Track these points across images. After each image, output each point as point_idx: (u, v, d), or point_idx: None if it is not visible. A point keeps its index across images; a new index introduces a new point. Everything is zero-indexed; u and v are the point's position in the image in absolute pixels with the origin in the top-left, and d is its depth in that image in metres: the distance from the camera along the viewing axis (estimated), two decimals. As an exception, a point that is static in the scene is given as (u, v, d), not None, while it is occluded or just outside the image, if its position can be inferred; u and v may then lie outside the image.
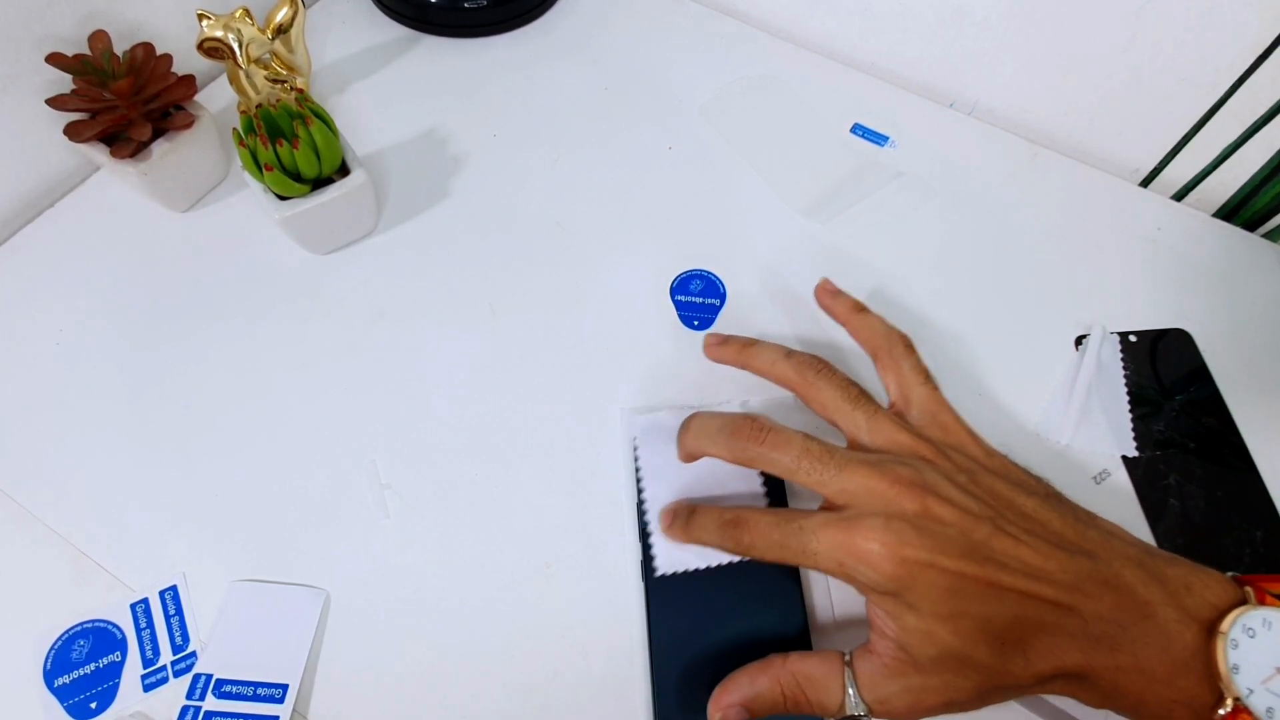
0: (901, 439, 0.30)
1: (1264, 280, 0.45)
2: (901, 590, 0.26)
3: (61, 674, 0.33)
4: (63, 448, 0.38)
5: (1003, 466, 0.31)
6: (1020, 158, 0.50)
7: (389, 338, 0.42)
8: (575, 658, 0.34)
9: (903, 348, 0.34)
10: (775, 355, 0.34)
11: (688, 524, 0.32)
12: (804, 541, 0.28)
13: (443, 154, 0.49)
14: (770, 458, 0.30)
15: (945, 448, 0.30)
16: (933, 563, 0.26)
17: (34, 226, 0.45)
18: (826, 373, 0.33)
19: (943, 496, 0.28)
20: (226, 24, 0.40)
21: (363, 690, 0.33)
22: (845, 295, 0.38)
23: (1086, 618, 0.26)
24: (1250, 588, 0.26)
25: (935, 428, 0.32)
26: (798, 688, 0.28)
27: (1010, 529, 0.27)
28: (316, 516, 0.37)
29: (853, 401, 0.31)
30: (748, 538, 0.30)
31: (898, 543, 0.26)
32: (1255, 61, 0.43)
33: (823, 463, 0.29)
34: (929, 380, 0.33)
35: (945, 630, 0.26)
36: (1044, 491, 0.30)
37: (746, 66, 0.54)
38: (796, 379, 0.33)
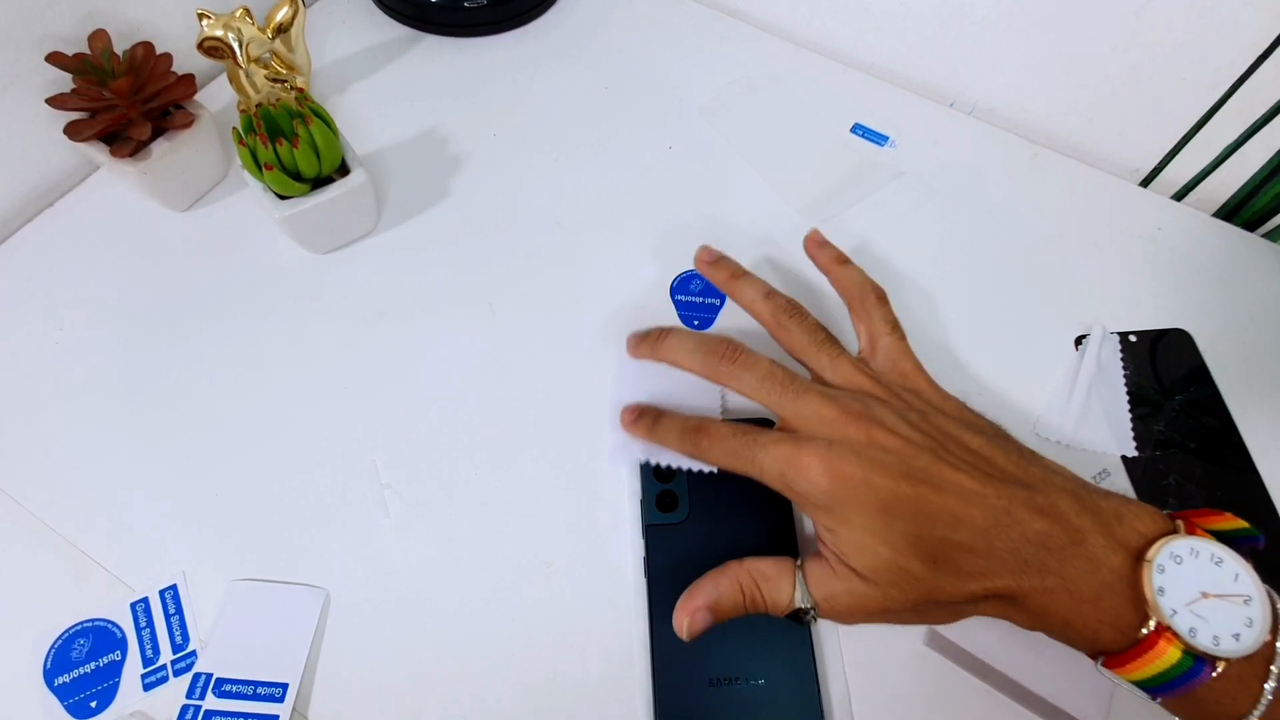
0: (859, 380, 0.33)
1: (1264, 280, 0.45)
2: (835, 504, 0.29)
3: (61, 673, 0.33)
4: (63, 447, 0.38)
5: (955, 409, 0.33)
6: (1020, 157, 0.50)
7: (389, 337, 0.42)
8: (575, 657, 0.34)
9: (875, 298, 0.36)
10: (756, 293, 0.36)
11: (653, 425, 0.35)
12: (754, 452, 0.31)
13: (443, 153, 0.49)
14: (737, 375, 0.33)
15: (901, 390, 0.33)
16: (866, 480, 0.28)
17: (34, 226, 0.45)
18: (799, 316, 0.35)
19: (888, 428, 0.30)
20: (226, 23, 0.40)
21: (362, 689, 0.33)
22: (831, 246, 0.39)
23: (1017, 541, 0.27)
24: (1181, 521, 0.27)
25: (895, 373, 0.34)
26: (754, 586, 0.30)
27: (950, 458, 0.29)
28: (316, 516, 0.37)
29: (818, 344, 0.34)
30: (706, 442, 0.32)
31: (837, 460, 0.29)
32: (1255, 61, 0.43)
33: (783, 386, 0.32)
34: (896, 329, 0.35)
35: (878, 543, 0.28)
36: (992, 431, 0.32)
37: (746, 66, 0.54)
38: (770, 319, 0.36)
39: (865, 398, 0.31)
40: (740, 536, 0.35)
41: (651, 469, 0.36)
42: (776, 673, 0.32)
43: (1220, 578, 0.26)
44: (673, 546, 0.35)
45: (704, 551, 0.34)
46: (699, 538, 0.35)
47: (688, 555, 0.34)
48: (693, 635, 0.30)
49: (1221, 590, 0.25)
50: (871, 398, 0.31)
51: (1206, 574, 0.26)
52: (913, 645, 0.34)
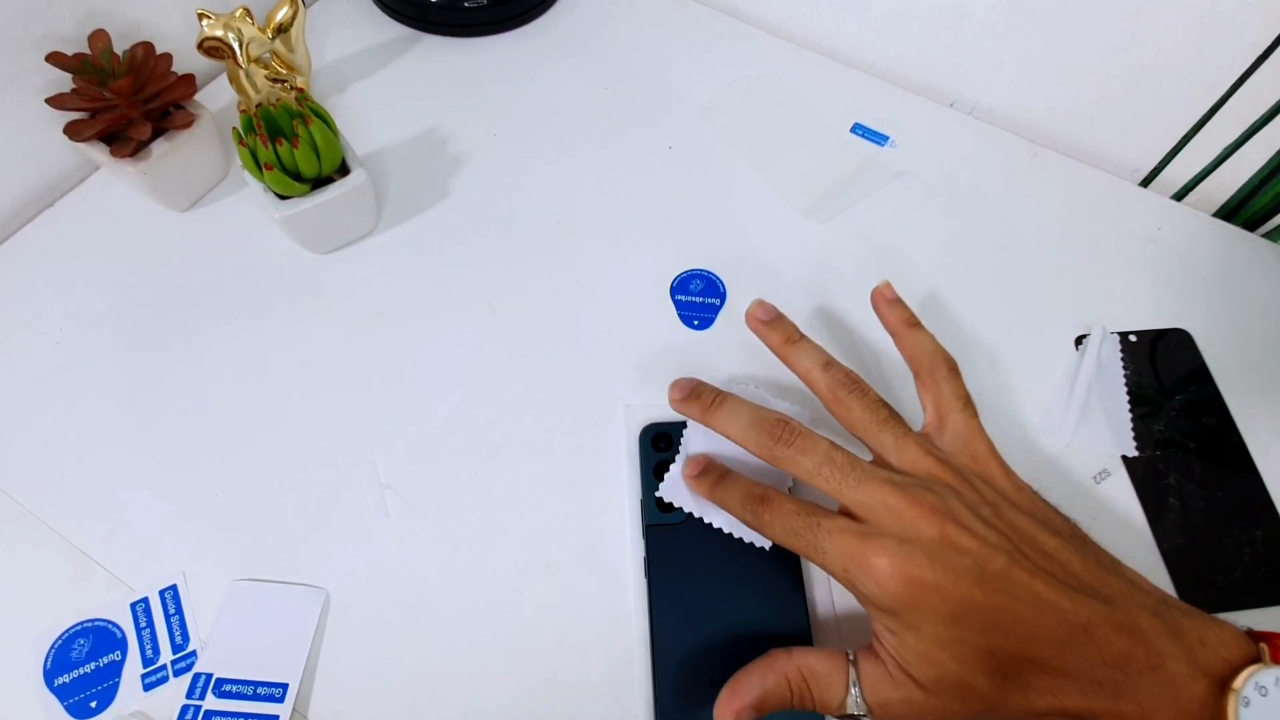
0: (927, 463, 0.30)
1: (1264, 280, 0.45)
2: (903, 610, 0.26)
3: (61, 673, 0.33)
4: (63, 447, 0.38)
5: (1030, 502, 0.31)
6: (1020, 157, 0.50)
7: (389, 337, 0.42)
8: (575, 657, 0.34)
9: (946, 370, 0.34)
10: (814, 362, 0.33)
11: (717, 484, 0.32)
12: (818, 538, 0.28)
13: (443, 153, 0.49)
14: (793, 459, 0.30)
15: (972, 476, 0.30)
16: (939, 586, 0.26)
17: (34, 226, 0.45)
18: (859, 392, 0.32)
19: (963, 525, 0.27)
20: (226, 23, 0.40)
21: (363, 689, 0.33)
22: (902, 306, 0.37)
23: (1093, 661, 0.26)
24: (1265, 644, 0.26)
25: (965, 455, 0.31)
26: (803, 683, 0.28)
27: (1027, 564, 0.27)
28: (316, 516, 0.37)
29: (881, 422, 0.31)
30: (768, 515, 0.30)
31: (908, 563, 0.26)
32: (1255, 61, 0.43)
33: (844, 472, 0.29)
34: (969, 406, 0.33)
35: (945, 655, 0.26)
36: (1069, 532, 0.30)
37: (746, 66, 0.54)
38: (828, 393, 0.33)
39: (936, 485, 0.29)
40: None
41: (652, 469, 0.36)
42: None
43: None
44: (673, 546, 0.35)
45: (704, 551, 0.34)
46: (699, 537, 0.35)
47: (688, 555, 0.34)
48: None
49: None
50: (942, 485, 0.29)
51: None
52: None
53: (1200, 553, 0.36)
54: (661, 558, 0.35)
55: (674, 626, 0.33)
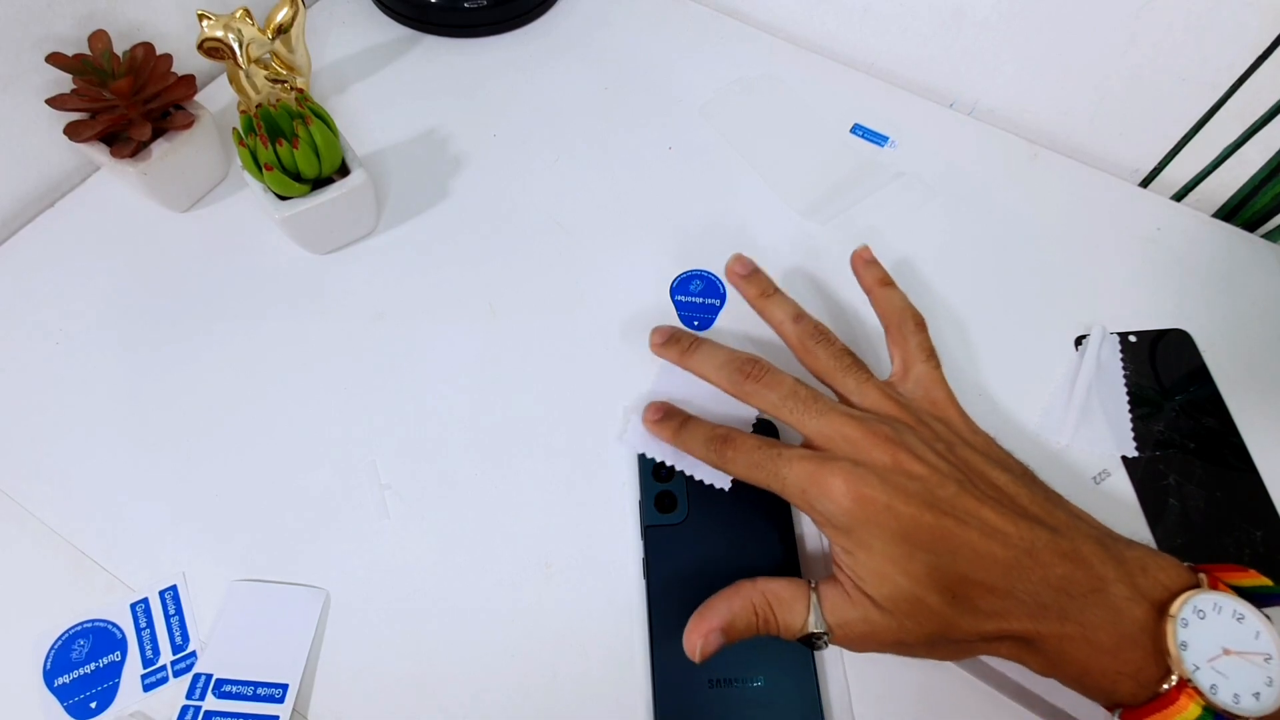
0: (887, 405, 0.32)
1: (1264, 281, 0.45)
2: (856, 526, 0.28)
3: (61, 674, 0.33)
4: (63, 447, 0.38)
5: (984, 444, 0.32)
6: (1020, 158, 0.50)
7: (389, 338, 0.42)
8: (575, 658, 0.34)
9: (913, 324, 0.36)
10: (785, 314, 0.36)
11: (679, 429, 0.34)
12: (778, 466, 0.30)
13: (443, 154, 0.49)
14: (760, 393, 0.32)
15: (929, 419, 0.32)
16: (890, 505, 0.28)
17: (34, 226, 0.45)
18: (825, 340, 0.35)
19: (915, 454, 0.29)
20: (227, 24, 0.40)
21: (363, 690, 0.33)
22: (878, 266, 0.39)
23: (1037, 584, 0.27)
24: (1204, 574, 0.27)
25: (926, 401, 0.33)
26: (768, 607, 0.29)
27: (975, 492, 0.29)
28: (316, 516, 0.37)
29: (845, 368, 0.34)
30: (730, 452, 0.32)
31: (860, 483, 0.28)
32: (1255, 62, 0.43)
33: (806, 405, 0.31)
34: (932, 358, 0.35)
35: (896, 571, 0.27)
36: (1019, 470, 0.31)
37: (746, 66, 0.54)
38: (796, 342, 0.35)
39: (893, 421, 0.31)
40: (739, 537, 0.35)
41: (651, 470, 0.37)
42: (776, 673, 0.32)
43: (1242, 635, 0.25)
44: (672, 547, 0.35)
45: (703, 552, 0.35)
46: (698, 538, 0.35)
47: (687, 556, 0.35)
48: (704, 657, 0.29)
49: (1243, 647, 0.25)
50: (899, 422, 0.31)
51: (1229, 630, 0.25)
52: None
53: (1200, 553, 0.36)
54: (660, 558, 0.35)
55: (673, 627, 0.33)
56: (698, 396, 0.38)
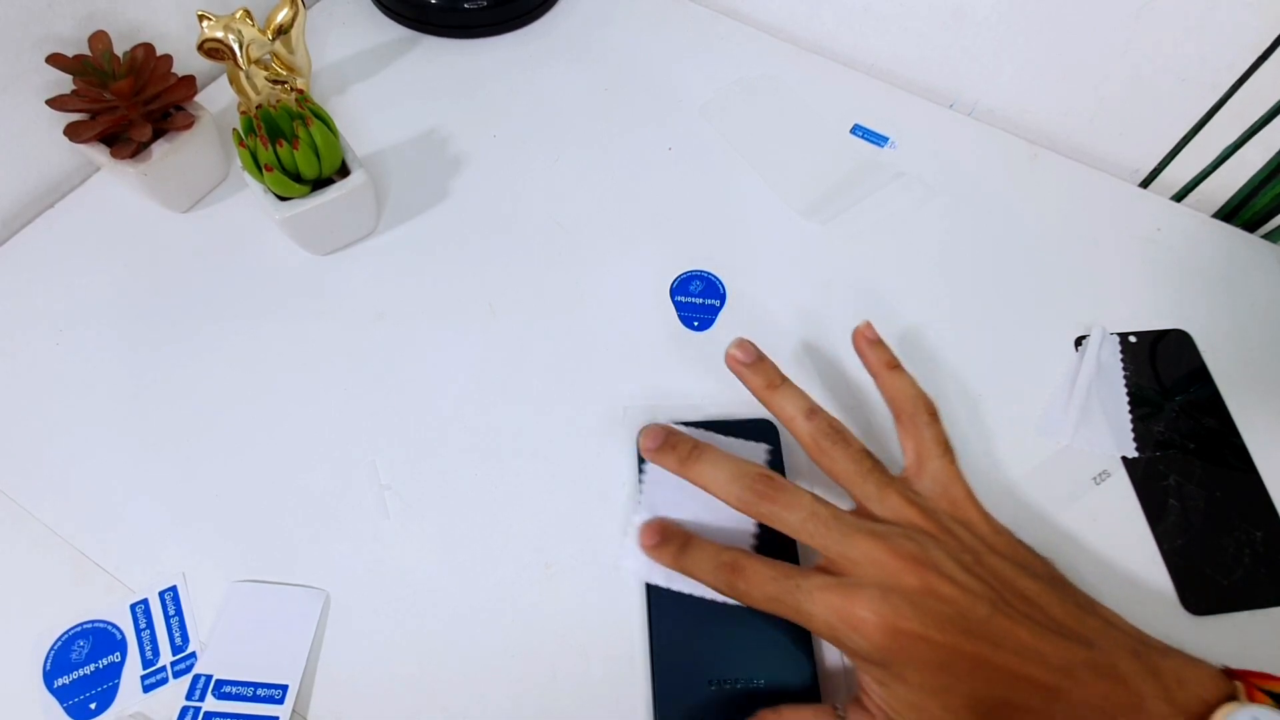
0: (909, 513, 0.30)
1: (1264, 281, 0.45)
2: (891, 661, 0.27)
3: (61, 674, 0.33)
4: (62, 448, 0.38)
5: (1008, 546, 0.31)
6: (1020, 158, 0.50)
7: (389, 338, 0.42)
8: (575, 658, 0.34)
9: (927, 415, 0.34)
10: (796, 409, 0.33)
11: (680, 553, 0.32)
12: (799, 600, 0.28)
13: (443, 154, 0.49)
14: (776, 515, 0.30)
15: (951, 522, 0.31)
16: (925, 636, 0.26)
17: (34, 227, 0.45)
18: (842, 442, 0.32)
19: (945, 574, 0.28)
20: (227, 25, 0.40)
21: (362, 691, 0.33)
22: (883, 347, 0.36)
23: (1076, 704, 0.26)
24: (1240, 683, 0.27)
25: (945, 500, 0.32)
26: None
27: (1009, 610, 0.27)
28: (316, 517, 0.37)
29: (865, 473, 0.31)
30: (743, 584, 0.30)
31: (893, 614, 0.27)
32: (1255, 62, 0.43)
33: (828, 527, 0.29)
34: (947, 452, 0.33)
35: (933, 703, 0.26)
36: (1047, 575, 0.30)
37: (746, 67, 0.54)
38: (810, 442, 0.33)
39: (918, 535, 0.29)
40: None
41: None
42: (776, 673, 0.32)
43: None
44: None
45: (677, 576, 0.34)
46: None
47: None
48: None
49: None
50: (924, 534, 0.29)
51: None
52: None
53: (1200, 554, 0.36)
54: None
55: (673, 628, 0.33)
56: (693, 508, 0.34)
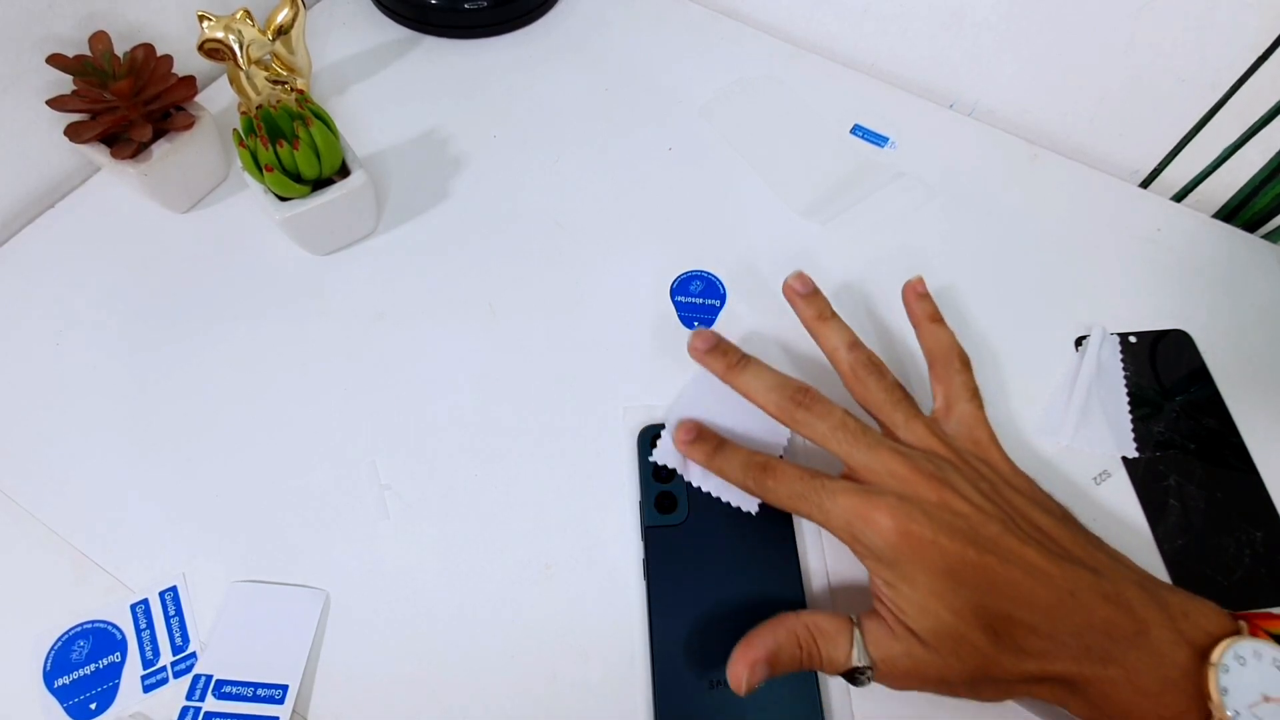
0: (932, 442, 0.32)
1: (1264, 281, 0.45)
2: (900, 560, 0.28)
3: (61, 675, 0.33)
4: (63, 448, 0.38)
5: (1026, 486, 0.32)
6: (1020, 159, 0.50)
7: (389, 338, 0.42)
8: (575, 658, 0.34)
9: (960, 363, 0.36)
10: (840, 340, 0.35)
11: (714, 453, 0.34)
12: (822, 498, 0.30)
13: (443, 155, 0.49)
14: (809, 422, 0.32)
15: (972, 458, 0.32)
16: (935, 540, 0.28)
17: (34, 227, 0.45)
18: (878, 373, 0.34)
19: (960, 493, 0.29)
20: (227, 25, 0.40)
21: (362, 691, 0.33)
22: (930, 301, 0.38)
23: (1080, 626, 0.27)
24: (1244, 621, 0.27)
25: (968, 440, 0.33)
26: (811, 640, 0.29)
27: (1019, 532, 0.29)
28: (316, 517, 0.37)
29: (894, 402, 0.33)
30: (771, 482, 0.31)
31: (906, 519, 0.28)
32: (1255, 62, 0.43)
33: (855, 436, 0.31)
34: (976, 397, 0.35)
35: (940, 606, 0.27)
36: (1060, 513, 0.31)
37: (746, 67, 0.54)
38: (849, 371, 0.35)
39: (938, 459, 0.31)
40: (739, 538, 0.35)
41: (651, 471, 0.36)
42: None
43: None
44: (672, 548, 0.35)
45: (703, 553, 0.34)
46: (698, 539, 0.35)
47: (687, 557, 0.35)
48: (750, 689, 0.28)
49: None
50: (944, 461, 0.31)
51: (1269, 677, 0.26)
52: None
53: (1200, 554, 0.36)
54: (660, 559, 0.35)
55: (673, 628, 0.33)
56: (725, 415, 0.37)
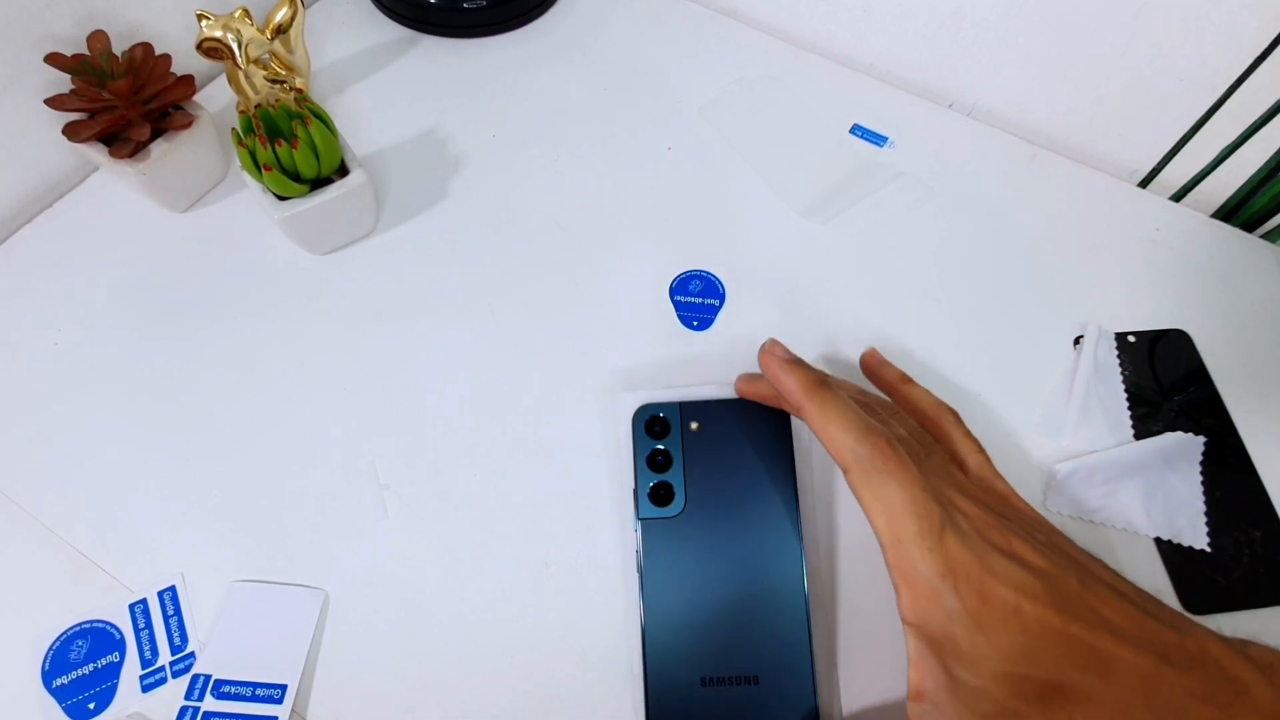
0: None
1: (1262, 281, 0.45)
2: (983, 626, 0.25)
3: (60, 675, 0.33)
4: (61, 447, 0.38)
5: (1062, 535, 0.30)
6: (1019, 158, 0.50)
7: (388, 338, 0.42)
8: (574, 658, 0.34)
9: (952, 418, 0.34)
10: (926, 400, 0.34)
11: (823, 387, 0.29)
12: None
13: (442, 154, 0.49)
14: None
15: (1007, 511, 0.30)
16: (1019, 607, 0.25)
17: (32, 226, 0.45)
18: (939, 450, 0.32)
19: (1030, 545, 0.27)
20: (226, 24, 0.40)
21: (361, 691, 0.33)
22: (891, 366, 0.37)
23: (1179, 696, 0.24)
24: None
25: (992, 496, 0.31)
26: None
27: (1095, 586, 0.26)
28: (315, 517, 0.37)
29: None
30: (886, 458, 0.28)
31: (987, 573, 0.25)
32: (1254, 62, 0.43)
33: None
34: (982, 451, 0.33)
35: (1002, 690, 0.24)
36: (1101, 562, 0.29)
37: (746, 67, 0.54)
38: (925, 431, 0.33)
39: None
40: (740, 530, 0.33)
41: (646, 459, 0.34)
42: (772, 671, 0.32)
43: None
44: (668, 541, 0.33)
45: (702, 546, 0.33)
46: (696, 532, 0.33)
47: (684, 550, 0.33)
48: None
49: None
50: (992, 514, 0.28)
51: None
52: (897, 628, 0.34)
53: (1199, 554, 0.36)
54: (656, 552, 0.33)
55: (666, 623, 0.32)
56: None
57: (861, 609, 0.34)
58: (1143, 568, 0.36)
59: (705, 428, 0.35)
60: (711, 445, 0.35)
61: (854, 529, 0.36)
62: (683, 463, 0.34)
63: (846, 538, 0.36)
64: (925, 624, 0.26)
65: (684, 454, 0.35)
